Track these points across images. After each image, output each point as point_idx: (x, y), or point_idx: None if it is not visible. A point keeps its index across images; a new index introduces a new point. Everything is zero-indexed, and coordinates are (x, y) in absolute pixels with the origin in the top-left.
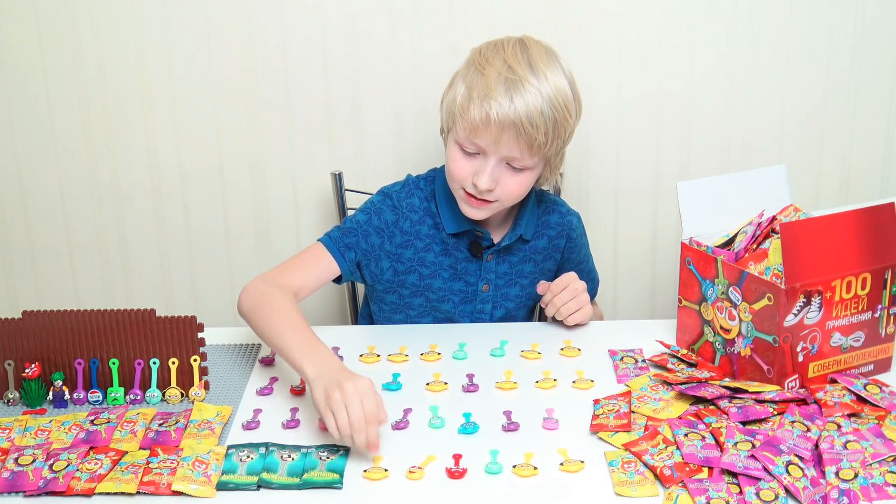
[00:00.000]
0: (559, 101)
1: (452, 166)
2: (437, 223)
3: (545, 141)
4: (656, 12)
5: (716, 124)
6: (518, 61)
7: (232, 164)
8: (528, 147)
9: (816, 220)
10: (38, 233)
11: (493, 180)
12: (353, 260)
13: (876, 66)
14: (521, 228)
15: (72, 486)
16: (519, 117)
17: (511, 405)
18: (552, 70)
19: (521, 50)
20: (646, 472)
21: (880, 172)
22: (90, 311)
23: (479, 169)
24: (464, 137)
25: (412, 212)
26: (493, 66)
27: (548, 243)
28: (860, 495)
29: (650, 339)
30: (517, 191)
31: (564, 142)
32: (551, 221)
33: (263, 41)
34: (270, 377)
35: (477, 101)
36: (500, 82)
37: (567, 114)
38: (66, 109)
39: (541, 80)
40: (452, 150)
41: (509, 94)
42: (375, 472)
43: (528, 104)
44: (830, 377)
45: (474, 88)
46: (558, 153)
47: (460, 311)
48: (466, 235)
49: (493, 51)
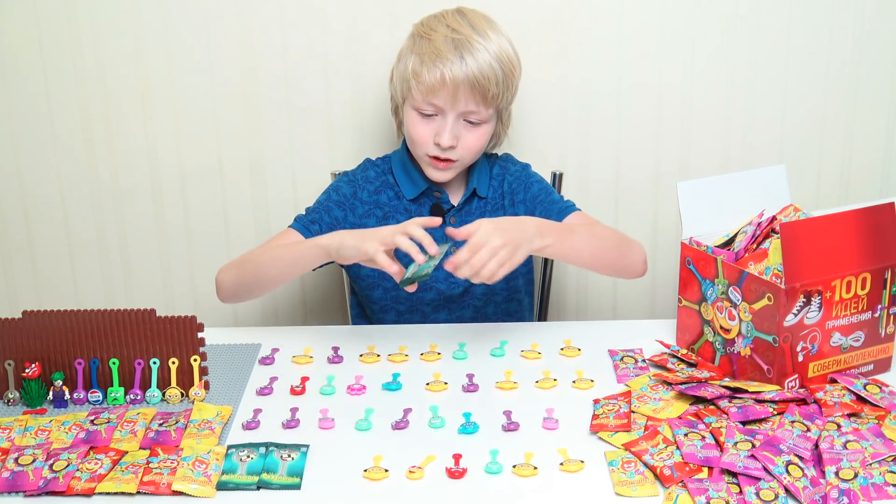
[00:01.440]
0: (504, 56)
1: (413, 131)
2: (396, 193)
3: (497, 92)
4: (656, 11)
5: (716, 124)
6: (460, 24)
7: (232, 164)
8: (482, 99)
9: (816, 220)
10: (38, 233)
11: (454, 136)
12: (318, 233)
13: (876, 65)
14: (475, 183)
15: (72, 486)
16: (472, 72)
17: (511, 405)
18: (492, 30)
19: (461, 16)
20: (646, 472)
21: (880, 172)
22: (90, 311)
23: (440, 127)
24: (421, 101)
25: (367, 182)
26: (437, 31)
27: (494, 192)
28: (860, 495)
29: (650, 339)
30: (476, 145)
31: (513, 95)
32: (494, 173)
33: (263, 41)
34: (270, 377)
35: (429, 63)
36: (447, 43)
37: (512, 67)
38: (66, 109)
39: (485, 38)
40: (411, 116)
41: (458, 52)
42: (375, 472)
43: (477, 60)
44: (830, 377)
45: (424, 54)
46: (507, 107)
47: (433, 277)
48: (427, 199)
49: (435, 20)
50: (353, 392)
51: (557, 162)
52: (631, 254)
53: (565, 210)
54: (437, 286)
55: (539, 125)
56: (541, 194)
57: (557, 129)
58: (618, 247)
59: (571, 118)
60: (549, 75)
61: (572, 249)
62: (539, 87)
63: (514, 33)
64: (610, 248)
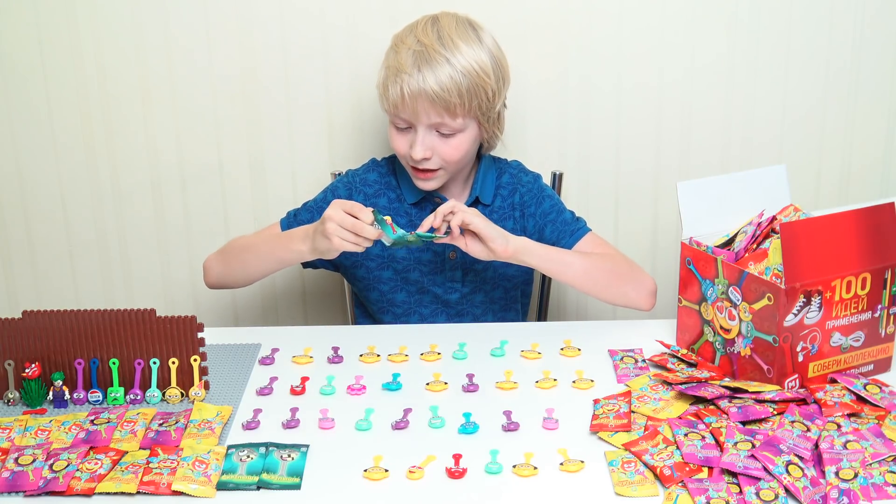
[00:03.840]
0: (471, 66)
1: (393, 144)
2: (398, 196)
3: (461, 102)
4: (656, 11)
5: (716, 124)
6: (427, 35)
7: (232, 164)
8: (446, 111)
9: (816, 220)
10: (38, 233)
11: (427, 149)
12: None
13: (876, 65)
14: (477, 191)
15: (72, 486)
16: (428, 85)
17: (511, 405)
18: (463, 39)
19: (432, 25)
20: (646, 472)
21: (880, 172)
22: (90, 311)
23: (413, 141)
24: (392, 114)
25: (366, 186)
26: (405, 43)
27: (502, 202)
28: (860, 495)
29: (650, 339)
30: (455, 154)
31: (490, 102)
32: (504, 182)
33: (263, 41)
34: (270, 377)
35: (392, 78)
36: (408, 56)
37: (483, 75)
38: (66, 109)
39: (448, 48)
40: (390, 129)
41: (416, 65)
42: (375, 472)
43: (435, 72)
44: (830, 377)
45: (390, 67)
46: (486, 114)
47: (430, 280)
48: (428, 203)
49: (408, 30)
50: (353, 392)
51: (557, 162)
52: (634, 287)
53: (577, 232)
54: (433, 290)
55: (539, 125)
56: (552, 212)
57: (557, 129)
58: (615, 281)
59: (571, 118)
60: (550, 74)
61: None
62: (539, 86)
63: (513, 33)
64: (604, 285)
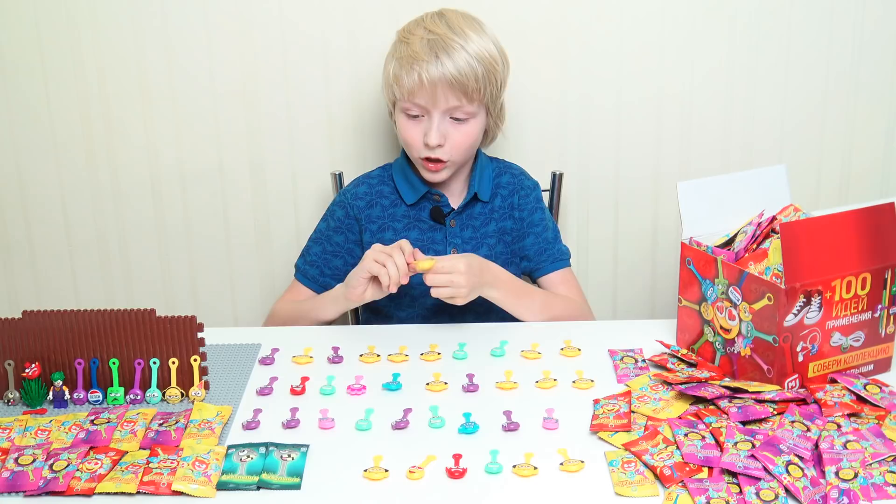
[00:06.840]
0: (483, 52)
1: (404, 134)
2: (392, 201)
3: (478, 87)
4: (657, 13)
5: (716, 125)
6: (437, 25)
7: (232, 164)
8: (463, 94)
9: (816, 220)
10: (38, 233)
11: (442, 135)
12: (315, 277)
13: (876, 66)
14: (475, 187)
15: (72, 486)
16: (449, 71)
17: (511, 405)
18: (472, 29)
19: (440, 17)
20: (646, 472)
21: (880, 172)
22: (90, 311)
23: (427, 127)
24: (405, 103)
25: (357, 199)
26: (415, 35)
27: (502, 202)
28: (860, 495)
29: (650, 339)
30: (466, 142)
31: (499, 89)
32: (503, 181)
33: (263, 41)
34: (270, 377)
35: (407, 66)
36: (423, 45)
37: (493, 61)
38: (66, 110)
39: (462, 37)
40: (400, 119)
41: (434, 52)
42: (375, 472)
43: (453, 59)
44: (830, 377)
45: (403, 58)
46: (495, 101)
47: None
48: (427, 202)
49: (415, 24)
50: (353, 392)
51: (557, 162)
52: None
53: (558, 262)
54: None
55: (539, 125)
56: (539, 225)
57: (557, 129)
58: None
59: (571, 118)
60: (550, 74)
61: (515, 309)
62: (539, 86)
63: (513, 33)
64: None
